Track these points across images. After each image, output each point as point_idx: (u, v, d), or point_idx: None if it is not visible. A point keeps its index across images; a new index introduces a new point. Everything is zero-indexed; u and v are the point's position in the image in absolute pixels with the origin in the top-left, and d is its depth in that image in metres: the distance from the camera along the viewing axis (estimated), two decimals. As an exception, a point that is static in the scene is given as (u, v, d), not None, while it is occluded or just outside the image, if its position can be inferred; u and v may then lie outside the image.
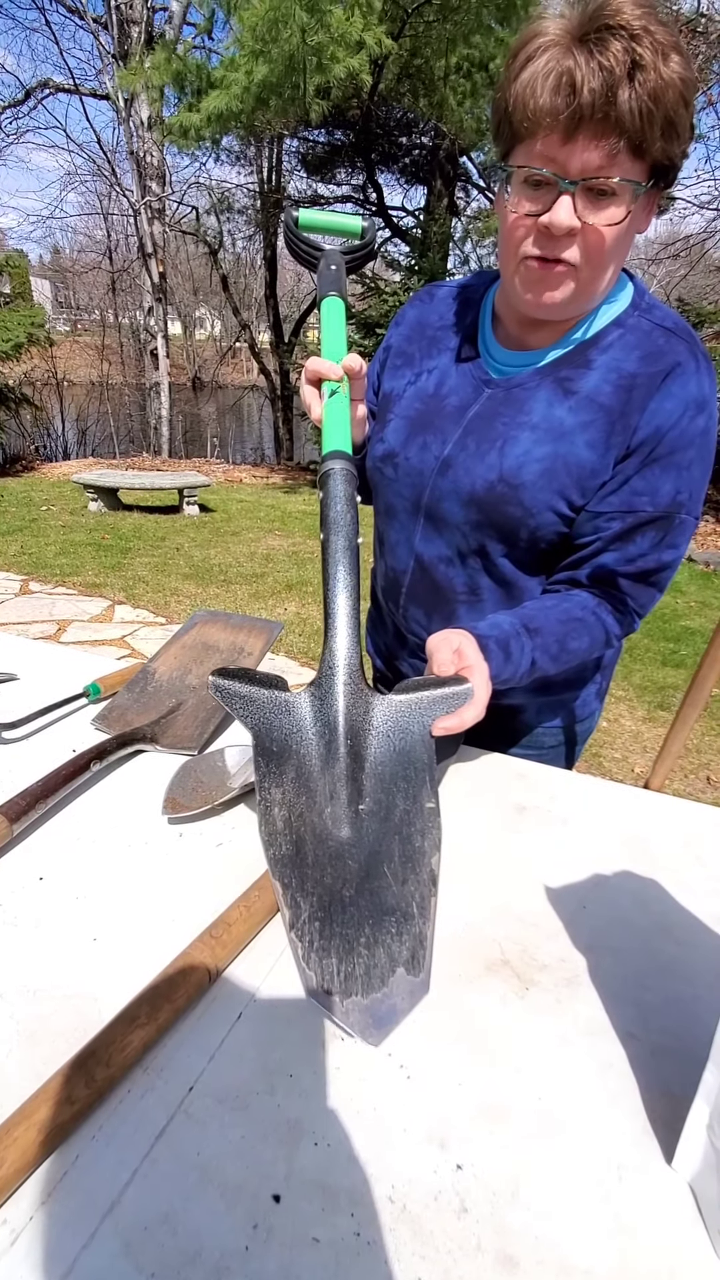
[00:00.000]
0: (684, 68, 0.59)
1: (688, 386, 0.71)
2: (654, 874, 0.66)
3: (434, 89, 7.11)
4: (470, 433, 0.80)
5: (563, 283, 0.69)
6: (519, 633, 0.73)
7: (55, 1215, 0.36)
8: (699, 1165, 0.40)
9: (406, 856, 0.54)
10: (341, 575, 0.64)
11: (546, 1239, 0.37)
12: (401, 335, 0.91)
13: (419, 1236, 0.37)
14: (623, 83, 0.57)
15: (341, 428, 0.72)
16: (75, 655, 1.04)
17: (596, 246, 0.65)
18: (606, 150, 0.60)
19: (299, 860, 0.52)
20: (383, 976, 0.47)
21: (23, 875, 0.60)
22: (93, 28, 9.90)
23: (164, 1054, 0.45)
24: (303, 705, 0.61)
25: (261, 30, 5.56)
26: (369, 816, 0.57)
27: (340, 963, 0.47)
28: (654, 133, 0.59)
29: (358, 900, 0.51)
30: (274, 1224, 0.37)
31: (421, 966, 0.48)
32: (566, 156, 0.61)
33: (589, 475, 0.74)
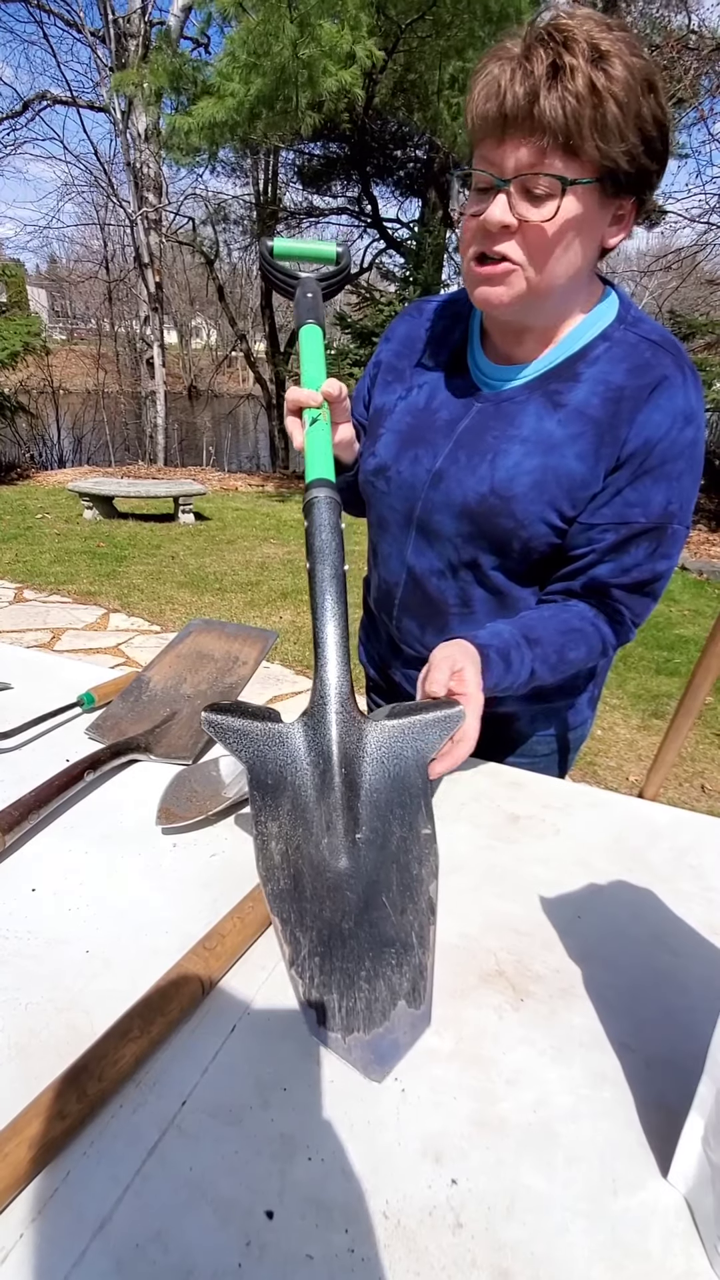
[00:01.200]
0: (625, 72, 0.60)
1: (675, 399, 0.72)
2: (649, 884, 0.66)
3: (428, 103, 7.19)
4: (461, 446, 0.81)
5: (506, 280, 0.69)
6: (519, 643, 0.74)
7: (45, 1233, 0.36)
8: (694, 1179, 0.40)
9: (404, 885, 0.55)
10: (329, 604, 0.65)
11: (541, 1255, 0.37)
12: (392, 350, 0.92)
13: (413, 1253, 0.37)
14: (544, 85, 0.59)
15: (324, 455, 0.73)
16: (69, 664, 1.04)
17: (537, 243, 0.66)
18: (533, 148, 0.62)
19: (297, 894, 0.52)
20: (384, 1011, 0.47)
21: (15, 886, 0.59)
22: (90, 41, 9.98)
23: (157, 1068, 0.45)
24: (296, 736, 0.61)
25: (253, 44, 5.62)
26: (366, 845, 0.57)
27: (341, 998, 0.47)
28: (583, 132, 0.61)
29: (357, 932, 0.51)
30: (267, 1241, 0.37)
31: (422, 999, 0.48)
32: (501, 157, 0.64)
33: (579, 486, 0.75)
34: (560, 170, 0.63)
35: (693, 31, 6.03)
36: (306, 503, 0.71)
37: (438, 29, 6.35)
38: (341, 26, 5.52)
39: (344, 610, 0.66)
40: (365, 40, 5.61)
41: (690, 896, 0.65)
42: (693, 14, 6.47)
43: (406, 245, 9.90)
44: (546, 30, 0.61)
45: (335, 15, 5.50)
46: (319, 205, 11.54)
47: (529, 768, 0.87)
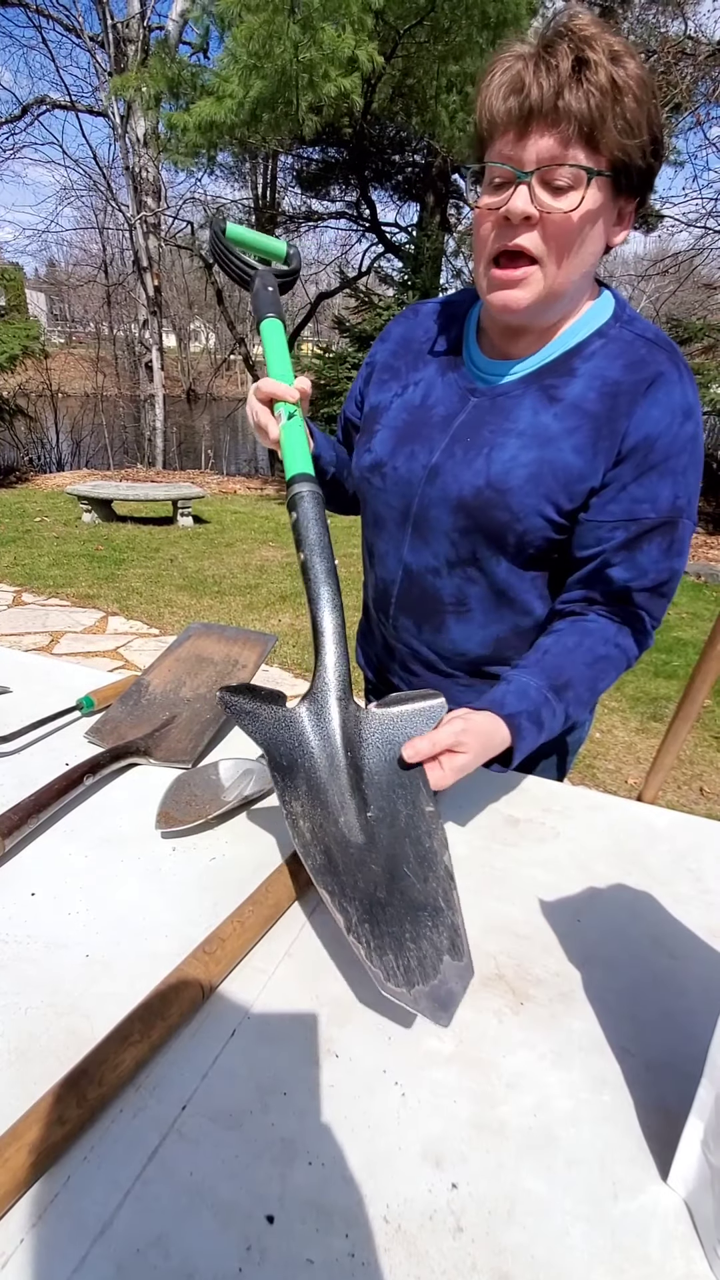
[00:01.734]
0: (639, 69, 0.63)
1: (673, 394, 0.73)
2: (648, 887, 0.66)
3: (426, 107, 7.22)
4: (457, 440, 0.81)
5: (525, 284, 0.70)
6: (547, 699, 0.72)
7: (46, 1238, 0.36)
8: (694, 1182, 0.40)
9: (420, 857, 0.58)
10: (326, 594, 0.67)
11: (542, 1258, 0.37)
12: (387, 351, 0.93)
13: (414, 1257, 0.37)
14: (570, 78, 0.61)
15: (302, 450, 0.75)
16: (69, 668, 1.04)
17: (561, 233, 0.67)
18: (558, 138, 0.63)
19: (333, 868, 0.55)
20: (434, 965, 0.50)
21: (14, 891, 0.59)
22: (89, 46, 10.01)
23: (157, 1072, 0.45)
24: (302, 719, 0.64)
25: (255, 45, 5.63)
26: (377, 823, 0.61)
27: (396, 958, 0.50)
28: (605, 124, 0.63)
29: (391, 900, 0.54)
30: (268, 1245, 0.37)
31: (463, 953, 0.52)
32: (521, 151, 0.65)
33: (576, 480, 0.75)
34: (583, 161, 0.64)
35: (689, 38, 6.06)
36: (292, 497, 0.73)
37: (435, 34, 6.38)
38: (343, 29, 5.54)
39: (339, 600, 0.68)
40: (367, 44, 5.64)
41: (689, 899, 0.65)
42: (689, 20, 6.50)
43: (405, 249, 9.93)
44: (566, 29, 0.63)
45: (338, 17, 5.51)
46: (317, 209, 11.57)
47: (528, 771, 0.87)
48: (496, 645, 0.88)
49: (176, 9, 9.20)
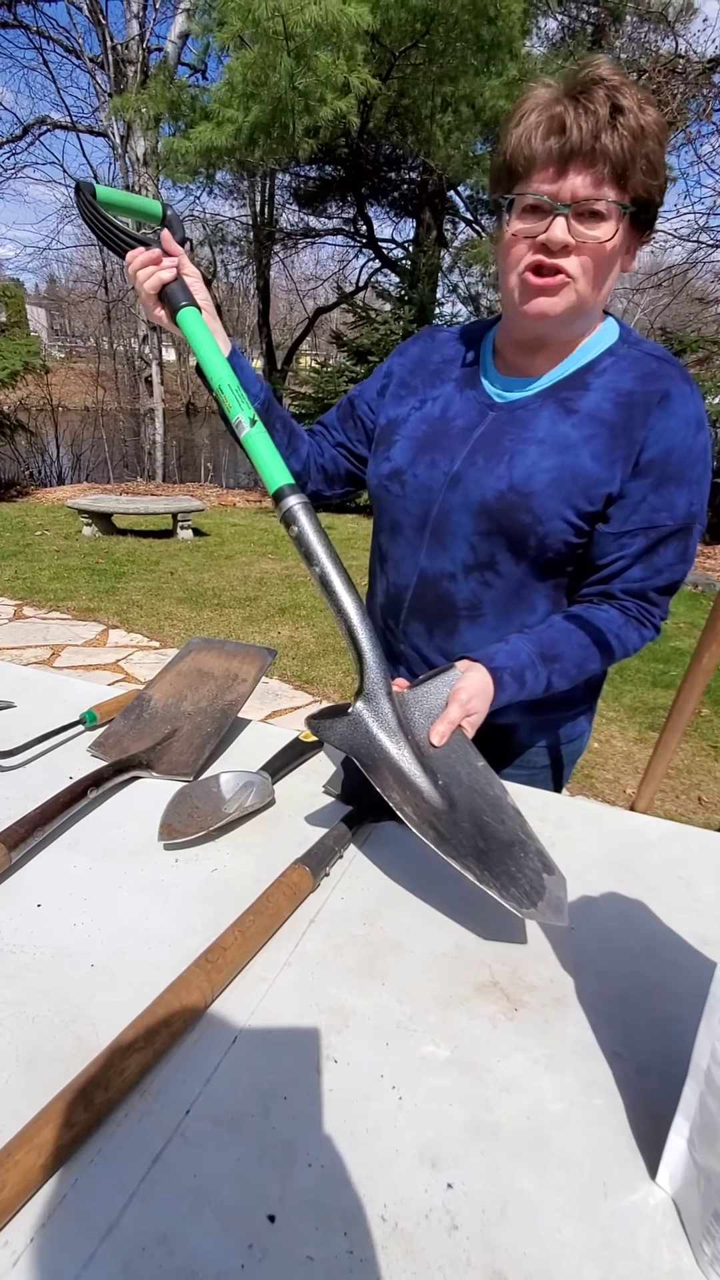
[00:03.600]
0: (658, 117, 0.69)
1: (687, 406, 0.77)
2: (640, 895, 0.68)
3: (421, 126, 7.34)
4: (478, 450, 0.85)
5: (561, 291, 0.75)
6: (534, 663, 0.79)
7: (56, 1237, 0.37)
8: (681, 1180, 0.41)
9: (491, 804, 0.68)
10: (350, 602, 0.72)
11: (534, 1255, 0.38)
12: (405, 367, 0.96)
13: (410, 1254, 0.38)
14: (607, 122, 0.67)
15: (277, 461, 0.77)
16: (71, 682, 1.06)
17: (595, 260, 0.73)
18: (594, 178, 0.69)
19: (444, 838, 0.62)
20: (540, 884, 0.61)
21: (21, 902, 0.61)
22: (89, 67, 10.18)
23: (161, 1078, 0.46)
24: (365, 719, 0.71)
25: (251, 75, 5.76)
26: (450, 787, 0.69)
27: (516, 888, 0.59)
28: (635, 166, 0.69)
29: (490, 847, 0.63)
30: (269, 1244, 0.38)
31: (553, 867, 0.63)
32: (558, 186, 0.71)
33: (595, 485, 0.79)
34: (613, 198, 0.70)
35: (680, 56, 6.18)
36: (286, 511, 0.75)
37: (430, 56, 6.50)
38: (336, 56, 5.66)
39: (362, 603, 0.73)
40: (360, 69, 5.76)
41: (680, 907, 0.66)
42: (679, 38, 6.62)
43: (401, 265, 10.04)
44: (600, 77, 0.68)
45: (330, 45, 5.63)
46: (315, 226, 11.71)
47: (527, 780, 0.89)
48: None
49: (175, 31, 9.36)
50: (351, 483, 1.03)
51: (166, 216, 0.87)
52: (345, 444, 1.00)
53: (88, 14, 9.53)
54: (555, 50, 8.48)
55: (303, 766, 0.87)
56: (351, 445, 1.00)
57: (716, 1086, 0.38)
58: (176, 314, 0.80)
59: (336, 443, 1.01)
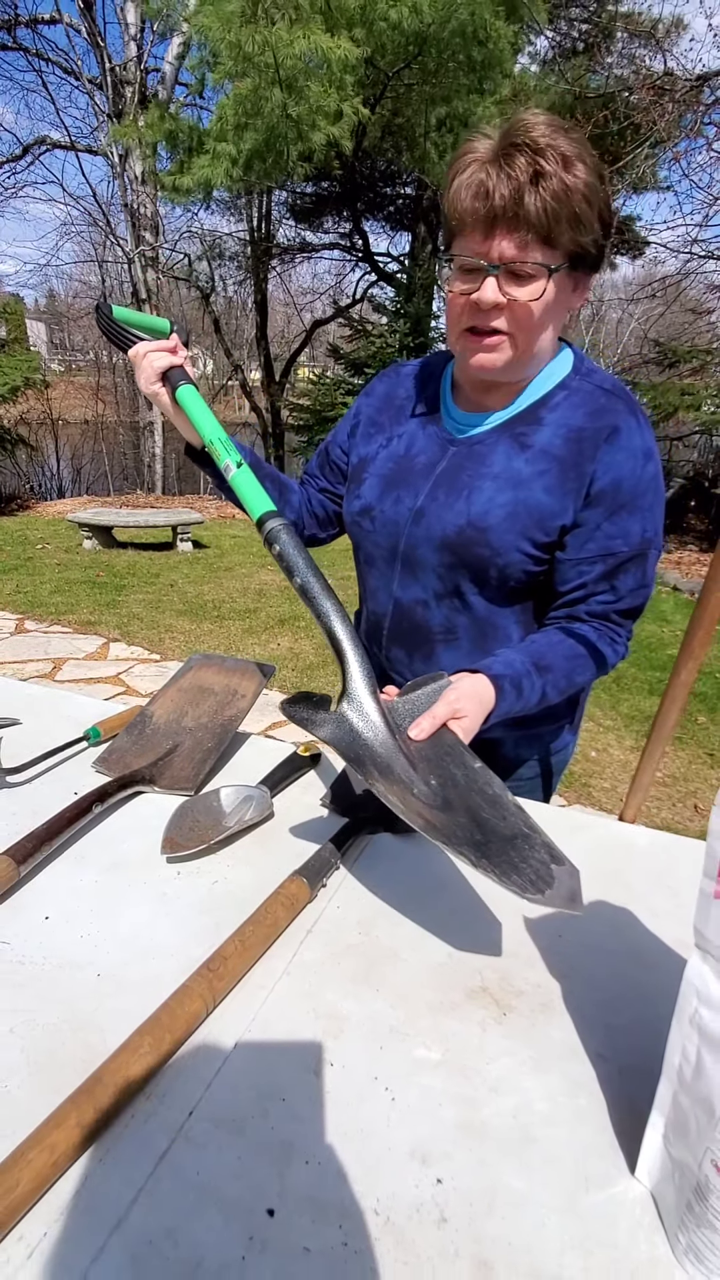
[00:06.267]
0: (587, 174, 0.71)
1: (634, 439, 0.81)
2: (627, 902, 0.70)
3: (416, 144, 7.45)
4: (439, 485, 0.88)
5: (498, 348, 0.79)
6: (529, 671, 0.81)
7: (67, 1231, 0.40)
8: (658, 1174, 0.43)
9: (490, 802, 0.66)
10: (330, 607, 0.74)
11: (519, 1246, 0.41)
12: (373, 406, 1.00)
13: (402, 1245, 0.40)
14: (527, 188, 0.69)
15: (259, 493, 0.82)
16: (75, 699, 1.08)
17: (524, 317, 0.76)
18: (518, 241, 0.72)
19: (434, 825, 0.61)
20: (549, 873, 0.58)
21: (29, 915, 0.63)
22: (88, 88, 10.32)
23: (165, 1082, 0.48)
24: (349, 717, 0.71)
25: (244, 108, 5.88)
26: (443, 788, 0.68)
27: (521, 876, 0.57)
28: (560, 226, 0.71)
29: (490, 840, 0.61)
30: (268, 1237, 0.40)
31: (563, 858, 0.60)
32: (488, 247, 0.73)
33: (549, 517, 0.83)
34: (540, 259, 0.72)
35: (668, 73, 6.28)
36: (268, 533, 0.79)
37: (423, 77, 6.61)
38: (327, 87, 5.78)
39: (343, 608, 0.76)
40: (352, 99, 5.88)
41: (666, 914, 0.69)
42: (668, 56, 6.73)
43: (397, 278, 10.15)
44: (522, 140, 0.70)
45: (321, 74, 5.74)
46: (312, 240, 11.84)
47: (515, 792, 0.91)
48: None
49: (172, 52, 9.51)
50: (339, 524, 1.07)
51: (173, 329, 0.98)
52: (328, 489, 1.06)
53: (86, 36, 9.67)
54: (547, 68, 8.63)
55: (300, 780, 0.89)
56: (333, 489, 1.05)
57: (688, 1084, 0.41)
58: (176, 390, 0.89)
59: (320, 489, 1.06)
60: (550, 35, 8.73)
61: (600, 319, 16.69)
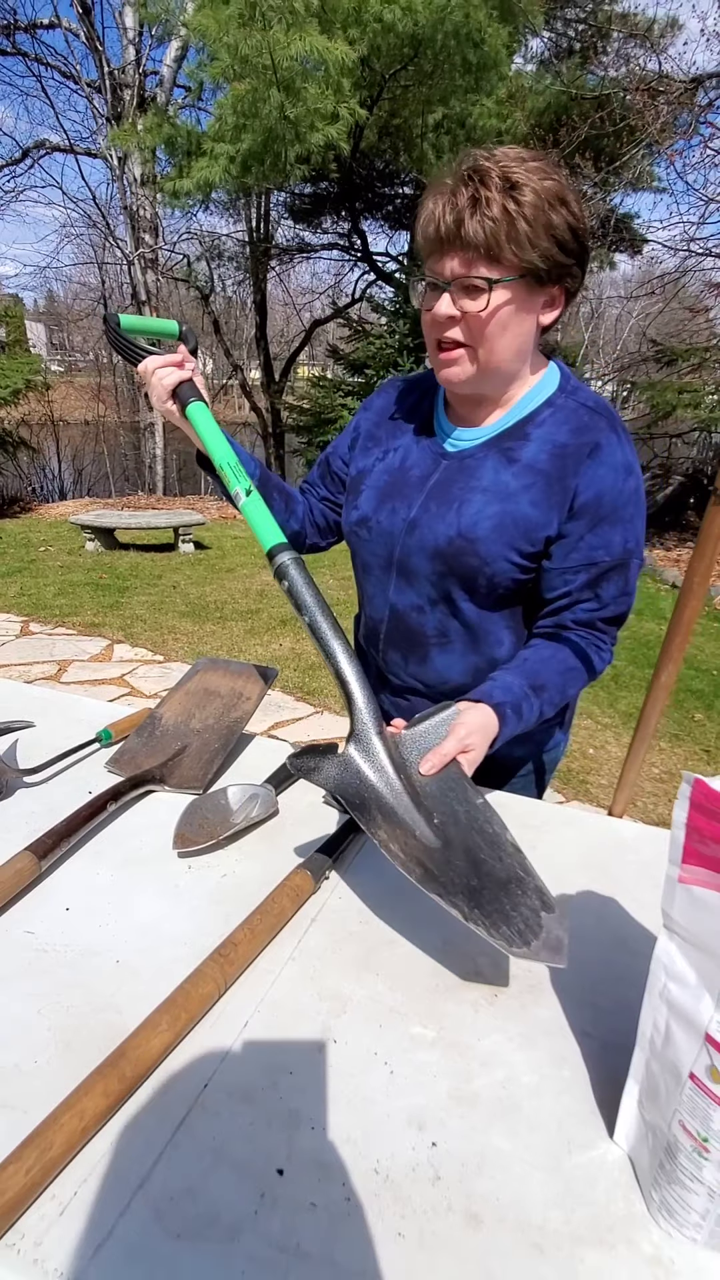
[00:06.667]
0: (534, 195, 0.76)
1: (615, 455, 0.85)
2: (613, 893, 0.74)
3: (414, 145, 7.48)
4: (432, 498, 0.92)
5: (458, 361, 0.84)
6: (527, 694, 0.85)
7: (96, 1190, 0.44)
8: (634, 1137, 0.47)
9: (489, 841, 0.68)
10: (338, 648, 0.77)
11: (506, 1202, 0.45)
12: (370, 420, 1.04)
13: (399, 1201, 0.44)
14: (466, 214, 0.75)
15: (269, 523, 0.85)
16: (86, 702, 1.12)
17: (478, 328, 0.81)
18: (463, 259, 0.78)
19: (432, 875, 0.63)
20: (537, 922, 0.60)
21: (51, 906, 0.67)
22: (87, 91, 10.35)
23: (182, 1057, 0.52)
24: (356, 759, 0.73)
25: (242, 108, 5.92)
26: (445, 826, 0.70)
27: (509, 927, 0.59)
28: (500, 244, 0.76)
29: (485, 885, 0.63)
30: (278, 1193, 0.44)
31: (554, 906, 0.62)
32: (441, 267, 0.80)
33: (534, 529, 0.87)
34: (485, 273, 0.78)
35: (663, 76, 6.30)
36: (278, 567, 0.82)
37: (419, 79, 6.64)
38: (324, 87, 5.82)
39: (351, 648, 0.78)
40: (349, 100, 5.91)
41: (650, 905, 0.72)
42: (662, 58, 6.75)
43: (396, 278, 10.18)
44: (468, 171, 0.76)
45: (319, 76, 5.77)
46: (310, 240, 11.87)
47: (509, 790, 0.96)
48: (475, 675, 0.96)
49: (170, 55, 9.54)
50: (339, 532, 1.11)
51: (182, 333, 1.00)
52: (328, 498, 1.10)
53: (84, 40, 9.71)
54: (544, 68, 8.65)
55: (303, 779, 0.93)
56: (333, 498, 1.09)
57: (658, 1052, 0.45)
58: (186, 407, 0.91)
59: (321, 497, 1.10)
60: (546, 36, 8.75)
61: (600, 316, 16.71)
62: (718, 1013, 0.40)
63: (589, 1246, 0.43)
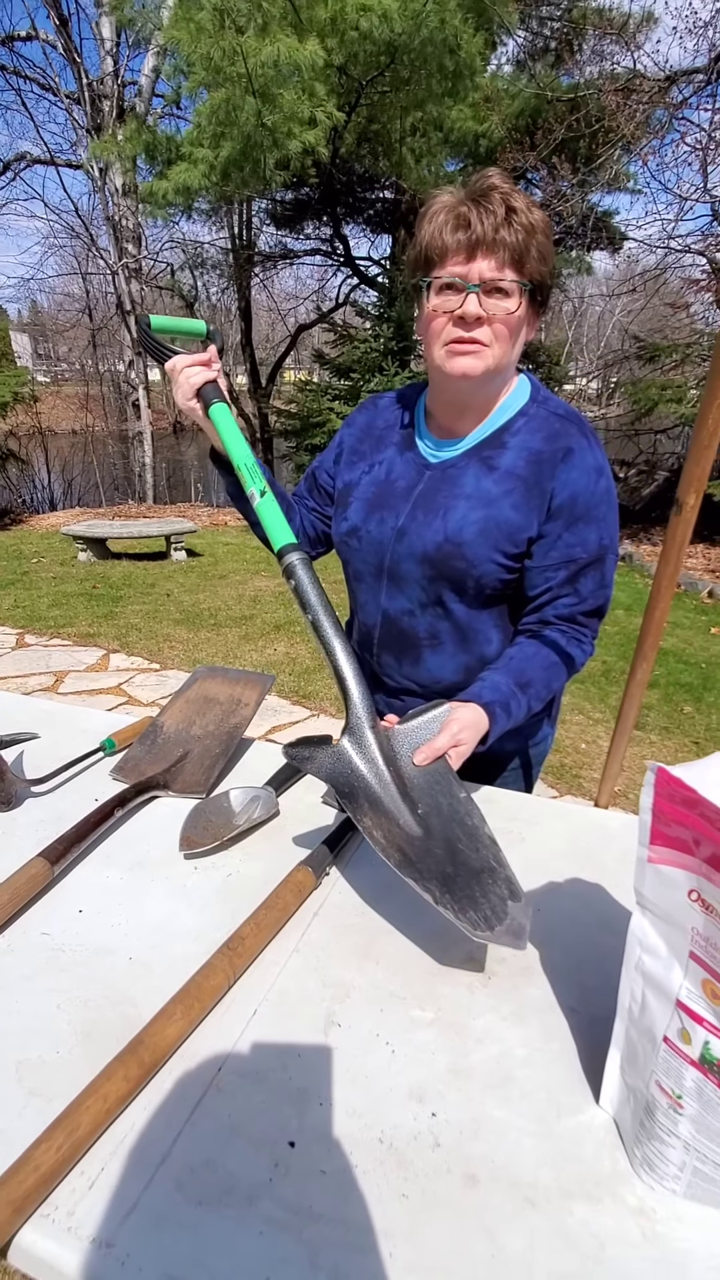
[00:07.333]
0: (543, 220, 0.84)
1: (586, 458, 0.90)
2: (599, 879, 0.78)
3: (392, 150, 7.54)
4: (418, 506, 0.97)
5: (479, 354, 0.88)
6: (514, 692, 0.89)
7: (122, 1165, 0.47)
8: (618, 1101, 0.51)
9: (468, 833, 0.72)
10: (338, 646, 0.81)
11: (500, 1163, 0.49)
12: (354, 435, 1.09)
13: (402, 1165, 0.48)
14: (504, 220, 0.81)
15: (281, 523, 0.89)
16: (89, 713, 1.16)
17: (501, 329, 0.86)
18: (496, 262, 0.83)
19: (409, 861, 0.67)
20: (503, 909, 0.63)
21: (65, 909, 0.71)
22: (66, 103, 10.37)
23: (196, 1043, 0.56)
24: (349, 752, 0.78)
25: (219, 115, 5.96)
26: (428, 816, 0.74)
27: (476, 912, 0.63)
28: (529, 253, 0.83)
29: (458, 873, 0.67)
30: (291, 1163, 0.48)
31: (520, 895, 0.65)
32: (468, 269, 0.84)
33: (517, 531, 0.92)
34: (515, 278, 0.83)
35: (637, 75, 6.38)
36: (286, 566, 0.86)
37: (397, 84, 6.70)
38: (299, 93, 5.86)
39: (350, 646, 0.82)
40: (326, 104, 5.96)
41: (633, 889, 0.76)
42: (637, 56, 6.82)
43: (379, 282, 10.23)
44: (493, 185, 0.82)
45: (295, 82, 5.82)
46: (293, 246, 11.91)
47: (499, 783, 1.00)
48: (467, 673, 1.00)
49: (148, 65, 9.57)
50: (328, 543, 1.15)
51: (209, 333, 1.05)
52: (317, 509, 1.14)
53: (62, 52, 9.73)
54: (519, 70, 8.71)
55: (303, 781, 0.97)
56: (321, 510, 1.13)
57: (636, 1019, 0.49)
58: (209, 407, 0.95)
59: (310, 509, 1.14)
60: (522, 36, 8.82)
61: (583, 314, 16.82)
62: (686, 980, 0.44)
63: (577, 1200, 0.46)
